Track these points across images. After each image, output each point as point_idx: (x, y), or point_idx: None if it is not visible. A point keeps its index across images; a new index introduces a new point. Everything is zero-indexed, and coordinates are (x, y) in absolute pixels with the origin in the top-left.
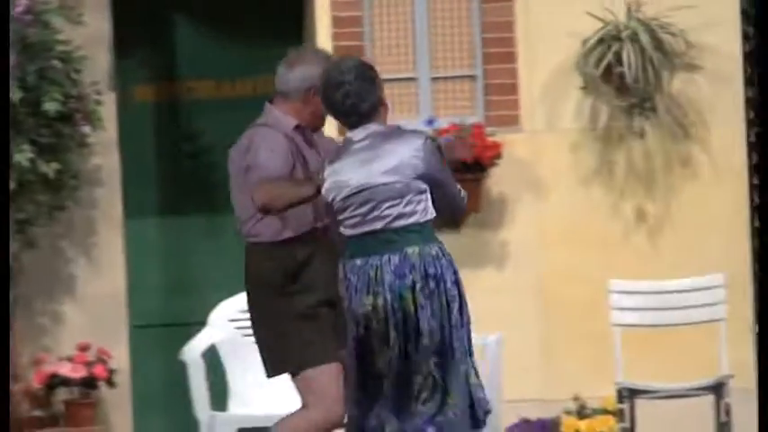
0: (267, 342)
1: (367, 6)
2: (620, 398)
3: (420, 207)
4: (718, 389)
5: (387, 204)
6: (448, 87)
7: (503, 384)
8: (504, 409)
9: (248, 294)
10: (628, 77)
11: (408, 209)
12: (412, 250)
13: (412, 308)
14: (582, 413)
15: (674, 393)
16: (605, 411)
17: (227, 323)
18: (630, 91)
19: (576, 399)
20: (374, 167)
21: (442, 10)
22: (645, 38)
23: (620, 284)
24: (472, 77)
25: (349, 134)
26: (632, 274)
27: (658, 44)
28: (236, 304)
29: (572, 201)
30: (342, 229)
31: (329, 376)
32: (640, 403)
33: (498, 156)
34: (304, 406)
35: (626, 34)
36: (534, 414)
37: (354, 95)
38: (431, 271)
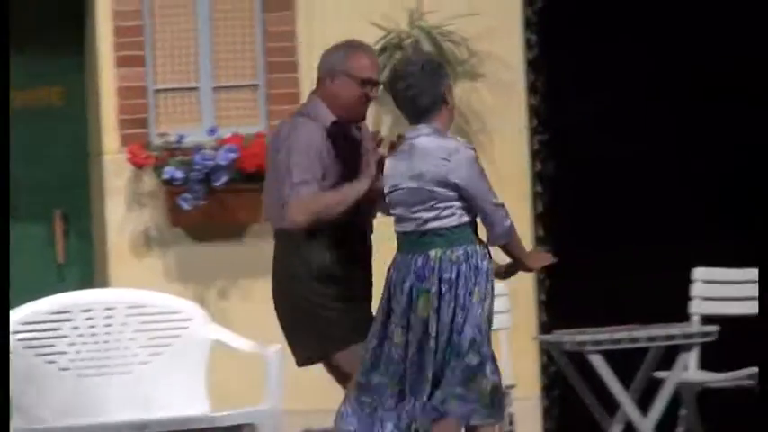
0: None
1: (148, 15)
2: None
3: (446, 213)
4: None
5: (415, 208)
6: (230, 97)
7: (284, 394)
8: (287, 420)
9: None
10: None
11: (432, 214)
12: (434, 253)
13: (427, 312)
14: None
15: None
16: None
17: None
18: None
19: None
20: (406, 170)
21: (224, 19)
22: (427, 46)
23: None
24: (254, 87)
25: (407, 132)
26: None
27: (440, 52)
28: (17, 316)
29: None
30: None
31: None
32: None
33: None
34: None
35: (408, 42)
36: (317, 423)
37: (414, 88)
38: (446, 275)
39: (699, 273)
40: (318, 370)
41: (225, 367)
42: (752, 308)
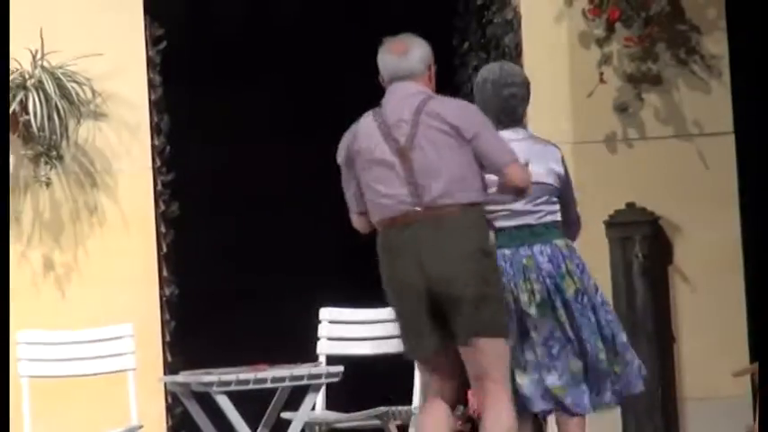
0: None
1: None
2: None
3: (556, 207)
4: None
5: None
6: None
7: None
8: None
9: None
10: (33, 126)
11: (549, 207)
12: (561, 243)
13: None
14: None
15: None
16: None
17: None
18: (36, 139)
19: None
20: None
21: None
22: (50, 86)
23: (28, 335)
24: None
25: (502, 133)
26: (41, 325)
27: (64, 92)
28: None
29: None
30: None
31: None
32: None
33: None
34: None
35: (31, 83)
36: None
37: (518, 98)
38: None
39: (325, 313)
40: None
41: None
42: (377, 348)
